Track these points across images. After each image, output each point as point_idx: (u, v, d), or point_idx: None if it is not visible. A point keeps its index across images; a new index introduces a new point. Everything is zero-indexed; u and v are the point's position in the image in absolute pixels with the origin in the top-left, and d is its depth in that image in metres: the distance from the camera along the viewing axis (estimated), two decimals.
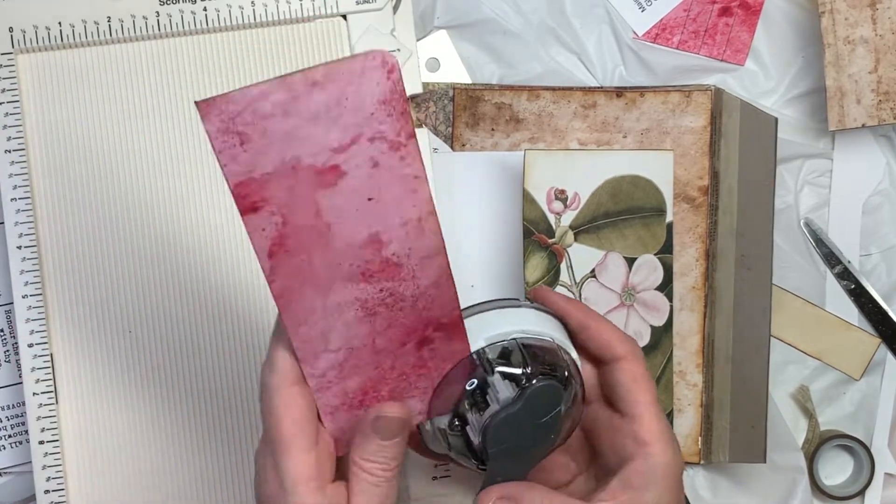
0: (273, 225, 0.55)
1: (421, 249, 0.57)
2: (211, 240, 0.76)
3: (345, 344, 0.59)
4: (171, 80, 0.77)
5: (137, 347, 0.76)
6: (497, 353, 0.59)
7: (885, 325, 0.84)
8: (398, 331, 0.59)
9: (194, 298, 0.76)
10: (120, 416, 0.76)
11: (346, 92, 0.53)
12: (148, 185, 0.77)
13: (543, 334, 0.60)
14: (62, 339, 0.76)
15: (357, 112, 0.54)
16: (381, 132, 0.54)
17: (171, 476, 0.76)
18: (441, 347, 0.60)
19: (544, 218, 0.75)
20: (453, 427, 0.60)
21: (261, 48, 0.77)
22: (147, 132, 0.77)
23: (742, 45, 0.84)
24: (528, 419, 0.58)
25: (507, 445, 0.59)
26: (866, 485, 0.83)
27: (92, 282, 0.76)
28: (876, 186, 0.84)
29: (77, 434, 0.75)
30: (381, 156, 0.55)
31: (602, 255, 0.75)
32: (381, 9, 0.78)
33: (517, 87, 0.80)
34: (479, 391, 0.59)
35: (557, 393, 0.58)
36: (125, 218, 0.76)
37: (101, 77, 0.77)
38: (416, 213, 0.56)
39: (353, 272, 0.57)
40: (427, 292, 0.58)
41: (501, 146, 0.80)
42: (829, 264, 0.84)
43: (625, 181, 0.75)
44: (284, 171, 0.54)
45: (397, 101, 0.54)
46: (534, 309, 0.61)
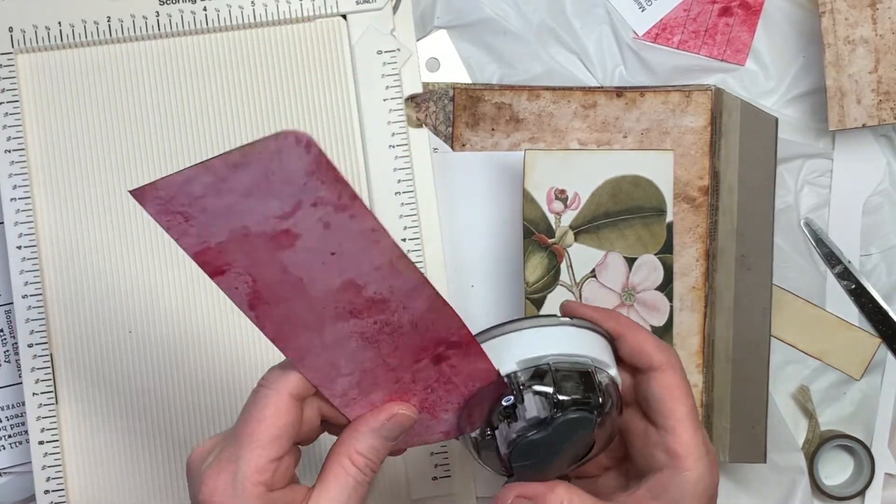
0: (244, 284, 0.55)
1: (402, 286, 0.57)
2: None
3: (356, 367, 0.59)
4: (171, 80, 0.77)
5: (138, 348, 0.76)
6: (530, 375, 0.58)
7: (885, 325, 0.84)
8: (407, 351, 0.59)
9: (195, 298, 0.76)
10: (120, 416, 0.76)
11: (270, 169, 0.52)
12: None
13: (579, 355, 0.59)
14: (62, 339, 0.76)
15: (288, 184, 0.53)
16: (321, 198, 0.53)
17: (171, 476, 0.76)
18: (461, 364, 0.60)
19: (544, 218, 0.75)
20: (484, 435, 0.60)
21: (261, 48, 0.77)
22: (147, 132, 0.77)
23: (742, 45, 0.84)
24: (556, 445, 0.58)
25: (533, 462, 0.58)
26: (866, 485, 0.83)
27: (92, 282, 0.76)
28: (876, 186, 0.84)
29: (77, 434, 0.75)
30: (330, 217, 0.54)
31: (602, 255, 0.75)
32: (381, 9, 0.78)
33: (517, 87, 0.80)
34: (512, 404, 0.58)
35: (588, 424, 0.58)
36: (125, 218, 0.76)
37: (100, 77, 0.77)
38: (385, 259, 0.56)
39: (340, 312, 0.57)
40: (424, 317, 0.58)
41: (501, 146, 0.80)
42: (829, 264, 0.84)
43: (625, 181, 0.75)
44: (238, 239, 0.54)
45: (326, 171, 0.52)
46: (573, 326, 0.60)
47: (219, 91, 0.77)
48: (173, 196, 0.52)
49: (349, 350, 0.58)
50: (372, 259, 0.56)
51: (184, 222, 0.54)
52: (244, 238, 0.54)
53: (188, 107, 0.77)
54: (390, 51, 0.78)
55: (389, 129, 0.77)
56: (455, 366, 0.60)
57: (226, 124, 0.77)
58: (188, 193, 0.53)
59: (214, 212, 0.53)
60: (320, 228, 0.54)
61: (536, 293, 0.75)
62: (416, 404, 0.60)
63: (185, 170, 0.52)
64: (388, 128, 0.77)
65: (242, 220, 0.54)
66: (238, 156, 0.51)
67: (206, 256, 0.54)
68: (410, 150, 0.78)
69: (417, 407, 0.61)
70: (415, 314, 0.58)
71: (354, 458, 0.58)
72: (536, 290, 0.75)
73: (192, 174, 0.52)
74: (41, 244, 0.76)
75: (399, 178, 0.77)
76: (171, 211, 0.53)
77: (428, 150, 0.79)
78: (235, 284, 0.56)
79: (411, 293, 0.57)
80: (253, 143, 0.51)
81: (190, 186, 0.52)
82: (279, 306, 0.56)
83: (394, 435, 0.59)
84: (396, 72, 0.78)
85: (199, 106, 0.77)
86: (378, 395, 0.60)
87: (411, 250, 0.77)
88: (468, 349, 0.59)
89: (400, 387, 0.60)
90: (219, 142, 0.77)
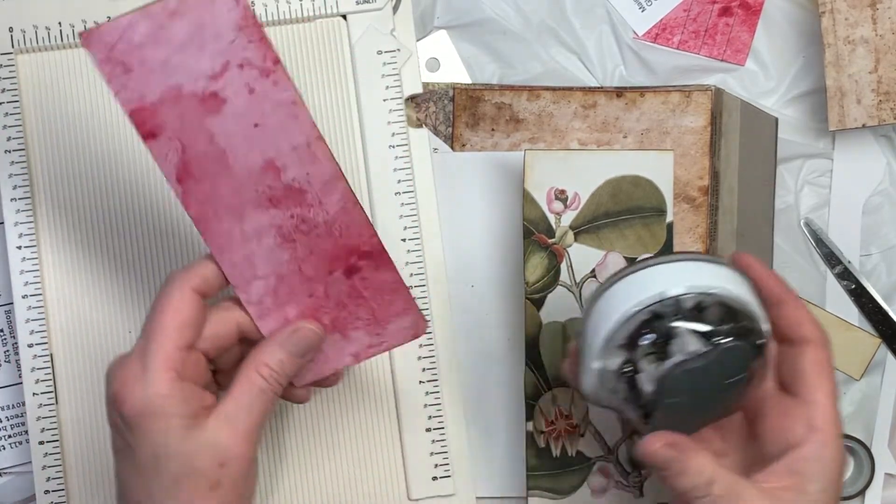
0: (174, 151, 0.60)
1: (319, 175, 0.61)
2: None
3: (272, 270, 0.62)
4: None
5: None
6: (694, 303, 0.58)
7: (885, 325, 0.84)
8: (321, 258, 0.62)
9: None
10: None
11: (204, 20, 0.58)
12: (148, 185, 0.77)
13: (743, 299, 0.59)
14: (62, 339, 0.76)
15: (218, 39, 0.59)
16: (248, 59, 0.59)
17: None
18: (372, 277, 0.63)
19: (544, 218, 0.75)
20: (624, 371, 0.59)
21: None
22: None
23: (742, 45, 0.84)
24: (711, 377, 0.57)
25: (682, 400, 0.58)
26: (866, 485, 0.83)
27: (92, 282, 0.76)
28: (876, 186, 0.84)
29: (77, 434, 0.76)
30: (255, 82, 0.60)
31: (602, 255, 0.75)
32: (381, 9, 0.78)
33: (517, 87, 0.80)
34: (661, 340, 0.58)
35: (746, 356, 0.58)
36: (126, 218, 0.76)
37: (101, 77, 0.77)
38: (303, 139, 0.61)
39: (259, 198, 0.61)
40: (338, 219, 0.62)
41: (501, 146, 0.80)
42: (829, 264, 0.84)
43: (625, 181, 0.75)
44: (170, 98, 0.59)
45: (253, 27, 0.58)
46: (735, 271, 0.60)
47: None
48: (116, 42, 0.58)
49: (266, 247, 0.62)
50: (291, 136, 0.61)
51: (123, 74, 0.59)
52: (176, 98, 0.59)
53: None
54: (390, 51, 0.78)
55: (389, 129, 0.77)
56: (366, 278, 0.63)
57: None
58: (129, 41, 0.58)
59: (151, 65, 0.59)
60: (245, 93, 0.60)
61: (536, 293, 0.75)
62: (328, 323, 0.63)
63: (127, 13, 0.57)
64: (388, 128, 0.78)
65: (176, 78, 0.59)
66: (175, 2, 0.57)
67: (142, 115, 0.59)
68: (410, 151, 0.78)
69: (330, 327, 0.64)
70: (329, 213, 0.62)
71: (262, 369, 0.61)
72: (536, 290, 0.75)
73: (133, 18, 0.57)
74: (41, 244, 0.76)
75: (399, 178, 0.77)
76: (114, 60, 0.58)
77: (428, 150, 0.79)
78: (166, 151, 0.60)
79: (327, 186, 0.61)
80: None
81: (130, 33, 0.58)
82: (204, 183, 0.61)
83: (300, 350, 0.62)
84: (396, 72, 0.78)
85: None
86: (292, 309, 0.63)
87: (411, 250, 0.77)
88: (379, 260, 0.63)
89: (313, 302, 0.63)
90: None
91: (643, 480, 0.76)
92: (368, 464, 0.77)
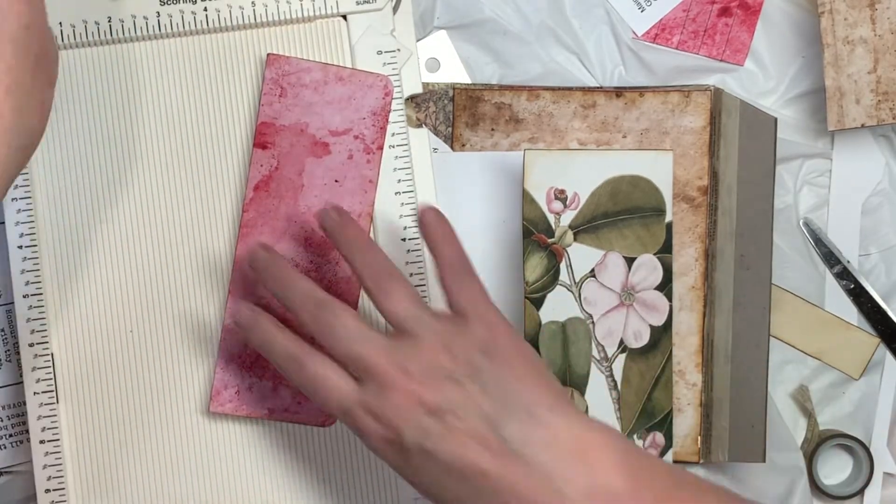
0: (269, 164, 0.74)
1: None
2: (214, 239, 0.77)
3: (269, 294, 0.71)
4: (171, 81, 0.77)
5: (138, 347, 0.76)
6: None
7: (884, 325, 0.84)
8: None
9: (196, 298, 0.76)
10: (121, 416, 0.76)
11: (356, 94, 0.75)
12: (149, 185, 0.77)
13: None
14: (62, 339, 0.76)
15: (356, 111, 0.75)
16: (364, 134, 0.75)
17: (171, 476, 0.76)
18: None
19: (544, 218, 0.75)
20: None
21: (261, 48, 0.77)
22: (147, 132, 0.77)
23: (741, 45, 0.84)
24: None
25: None
26: (865, 484, 0.83)
27: (92, 281, 0.76)
28: (875, 186, 0.84)
29: (78, 433, 0.76)
30: (357, 152, 0.75)
31: (601, 254, 0.75)
32: (381, 9, 0.78)
33: (517, 87, 0.80)
34: None
35: None
36: (126, 217, 0.76)
37: (101, 77, 0.77)
38: (358, 209, 0.75)
39: (300, 233, 0.74)
40: (341, 284, 0.74)
41: (501, 146, 0.80)
42: (828, 264, 0.84)
43: (624, 181, 0.75)
44: (295, 130, 0.74)
45: (382, 116, 0.75)
46: None
47: (219, 91, 0.77)
48: (290, 73, 0.74)
49: None
50: (353, 203, 0.75)
51: (277, 96, 0.74)
52: (299, 132, 0.74)
53: (188, 106, 0.77)
54: (390, 51, 0.78)
55: (389, 129, 0.77)
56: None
57: (226, 124, 0.77)
58: (299, 78, 0.74)
59: (300, 101, 0.74)
60: (346, 156, 0.74)
61: (536, 293, 0.75)
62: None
63: (311, 61, 0.75)
64: (388, 128, 0.78)
65: (309, 118, 0.74)
66: (349, 73, 0.75)
67: (267, 129, 0.74)
68: (410, 150, 0.78)
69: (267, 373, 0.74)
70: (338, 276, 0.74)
71: None
72: (536, 290, 0.75)
73: (313, 66, 0.74)
74: (41, 244, 0.76)
75: (399, 178, 0.77)
76: (278, 83, 0.74)
77: (428, 150, 0.79)
78: (263, 161, 0.74)
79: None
80: (363, 71, 0.75)
81: (304, 74, 0.74)
82: (272, 199, 0.74)
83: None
84: (396, 72, 0.78)
85: (199, 106, 0.77)
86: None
87: (411, 250, 0.77)
88: None
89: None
90: (219, 141, 0.77)
91: None
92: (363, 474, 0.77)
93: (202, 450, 0.76)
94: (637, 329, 0.75)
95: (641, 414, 0.75)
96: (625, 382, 0.75)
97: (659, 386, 0.75)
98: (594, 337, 0.75)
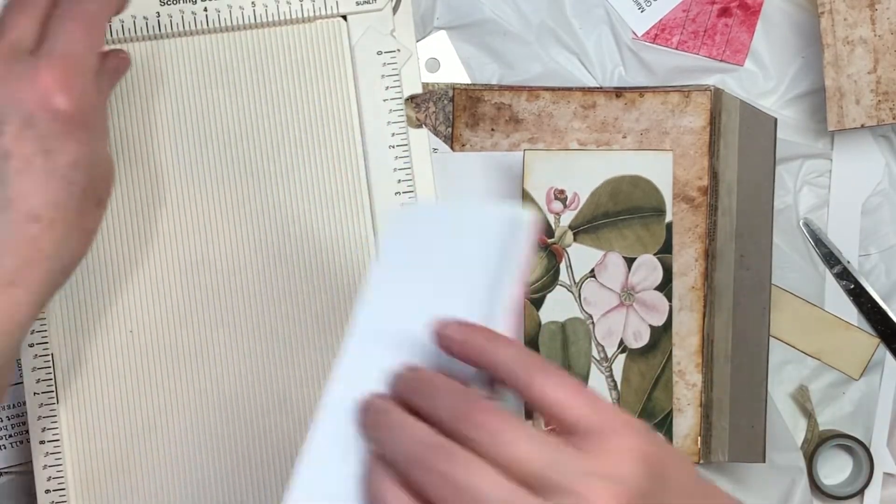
0: None
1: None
2: (214, 239, 0.77)
3: None
4: (171, 81, 0.77)
5: (138, 347, 0.76)
6: None
7: (884, 325, 0.84)
8: None
9: (196, 298, 0.76)
10: (120, 416, 0.76)
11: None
12: (148, 184, 0.77)
13: None
14: (62, 339, 0.76)
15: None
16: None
17: (172, 475, 0.76)
18: None
19: (544, 218, 0.75)
20: None
21: (261, 49, 0.77)
22: (147, 131, 0.77)
23: (741, 45, 0.84)
24: None
25: None
26: (865, 484, 0.83)
27: (92, 281, 0.76)
28: (875, 187, 0.84)
29: (78, 433, 0.76)
30: None
31: (601, 255, 0.75)
32: (381, 9, 0.78)
33: (517, 87, 0.80)
34: None
35: None
36: (126, 217, 0.76)
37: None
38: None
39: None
40: None
41: (501, 146, 0.80)
42: (828, 264, 0.84)
43: (624, 181, 0.75)
44: None
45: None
46: None
47: (219, 91, 0.77)
48: None
49: None
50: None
51: None
52: None
53: (188, 106, 0.77)
54: (390, 51, 0.78)
55: (389, 130, 0.77)
56: None
57: (226, 124, 0.77)
58: None
59: None
60: None
61: (536, 293, 0.75)
62: None
63: None
64: (388, 128, 0.78)
65: None
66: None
67: None
68: (410, 151, 0.78)
69: None
70: None
71: None
72: (536, 290, 0.75)
73: None
74: None
75: (399, 178, 0.77)
76: None
77: (428, 150, 0.79)
78: None
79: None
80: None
81: None
82: None
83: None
84: (396, 72, 0.78)
85: (199, 106, 0.77)
86: None
87: None
88: None
89: None
90: (218, 141, 0.77)
91: None
92: None
93: (202, 449, 0.76)
94: (637, 329, 0.75)
95: (641, 414, 0.75)
96: (625, 382, 0.75)
97: (659, 386, 0.75)
98: (594, 337, 0.75)
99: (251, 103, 0.77)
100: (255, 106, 0.77)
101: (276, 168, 0.77)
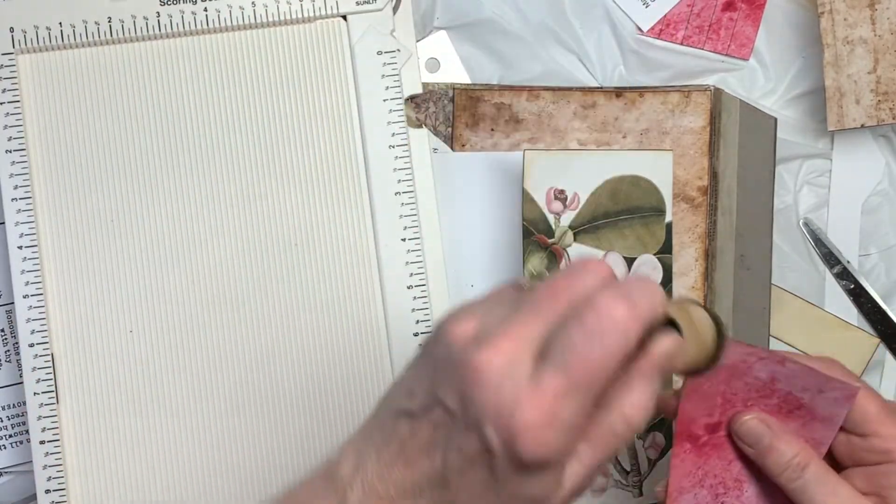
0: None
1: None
2: (213, 239, 0.77)
3: None
4: (171, 81, 0.77)
5: (139, 347, 0.76)
6: None
7: (884, 325, 0.84)
8: None
9: (196, 297, 0.77)
10: (121, 416, 0.76)
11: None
12: (148, 185, 0.77)
13: None
14: (62, 339, 0.76)
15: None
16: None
17: (172, 475, 0.76)
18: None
19: (544, 218, 0.75)
20: None
21: (261, 49, 0.77)
22: (147, 132, 0.77)
23: (746, 39, 0.84)
24: None
25: None
26: None
27: (92, 281, 0.76)
28: (875, 186, 0.84)
29: (77, 434, 0.76)
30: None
31: (601, 255, 0.75)
32: (381, 9, 0.78)
33: (517, 87, 0.80)
34: None
35: None
36: (126, 217, 0.77)
37: (101, 77, 0.77)
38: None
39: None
40: None
41: (501, 146, 0.80)
42: (828, 264, 0.84)
43: (624, 181, 0.75)
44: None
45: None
46: None
47: (219, 91, 0.77)
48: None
49: None
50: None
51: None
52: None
53: (189, 107, 0.77)
54: (390, 51, 0.78)
55: (389, 130, 0.78)
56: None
57: (226, 124, 0.77)
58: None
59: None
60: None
61: None
62: None
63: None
64: (388, 128, 0.78)
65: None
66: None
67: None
68: (410, 151, 0.78)
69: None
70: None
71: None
72: None
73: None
74: (42, 244, 0.76)
75: (399, 178, 0.78)
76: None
77: (428, 150, 0.79)
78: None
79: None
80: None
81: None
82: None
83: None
84: (396, 72, 0.78)
85: (199, 106, 0.77)
86: None
87: (411, 250, 0.77)
88: None
89: None
90: (218, 141, 0.77)
91: (642, 480, 0.76)
92: None
93: (203, 449, 0.76)
94: None
95: None
96: None
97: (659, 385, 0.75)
98: None
99: (251, 103, 0.77)
100: (254, 106, 0.77)
101: (277, 168, 0.77)
